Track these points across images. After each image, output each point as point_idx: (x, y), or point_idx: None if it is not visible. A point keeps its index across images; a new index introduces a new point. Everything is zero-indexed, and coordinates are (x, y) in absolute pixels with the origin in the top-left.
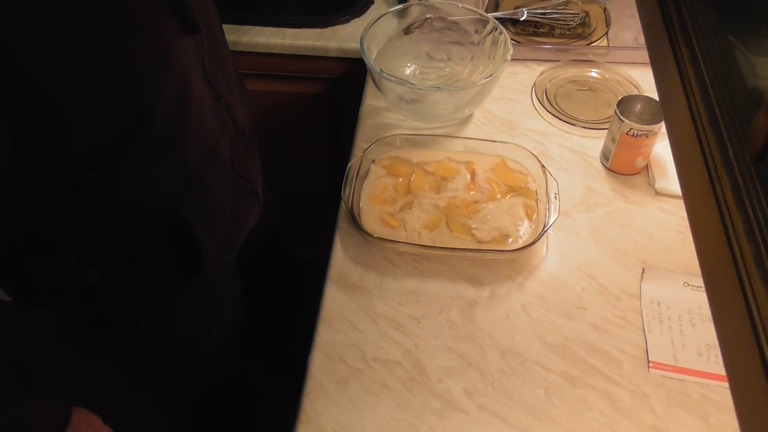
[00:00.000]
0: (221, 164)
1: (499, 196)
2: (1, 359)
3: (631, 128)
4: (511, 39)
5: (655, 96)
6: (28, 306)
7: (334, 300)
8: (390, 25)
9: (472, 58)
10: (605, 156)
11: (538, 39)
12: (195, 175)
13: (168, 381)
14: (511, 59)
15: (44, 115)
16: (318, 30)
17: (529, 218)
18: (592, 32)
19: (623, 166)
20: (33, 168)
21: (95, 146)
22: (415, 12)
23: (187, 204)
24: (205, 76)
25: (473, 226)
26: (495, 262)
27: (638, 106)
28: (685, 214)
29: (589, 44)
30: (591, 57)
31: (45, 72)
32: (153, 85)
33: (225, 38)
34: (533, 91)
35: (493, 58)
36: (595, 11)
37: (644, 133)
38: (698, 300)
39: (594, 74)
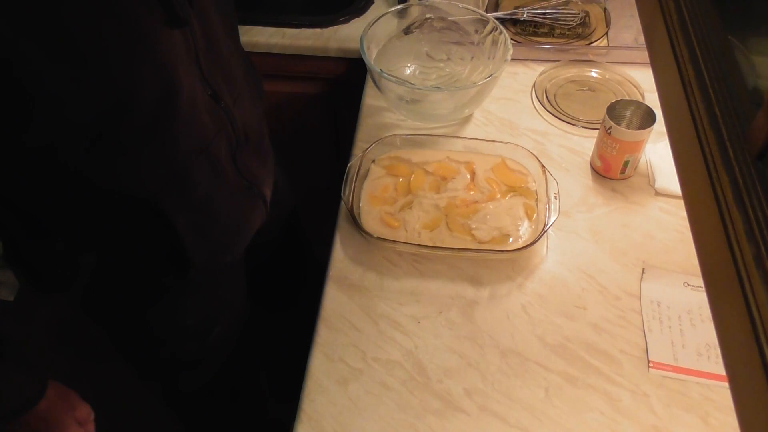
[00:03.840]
0: (216, 164)
1: (499, 196)
2: None
3: (611, 129)
4: (511, 39)
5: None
6: (41, 293)
7: (334, 300)
8: (390, 25)
9: (472, 58)
10: (593, 158)
11: (538, 39)
12: (182, 171)
13: (170, 375)
14: (511, 59)
15: (23, 94)
16: (318, 30)
17: (529, 218)
18: (592, 32)
19: (608, 170)
20: (26, 143)
21: (76, 128)
22: (415, 12)
23: (170, 197)
24: (201, 74)
25: (473, 226)
26: (495, 262)
27: (629, 111)
28: (685, 214)
29: (589, 44)
30: (591, 57)
31: (16, 51)
32: (131, 73)
33: (232, 41)
34: (533, 91)
35: (493, 58)
36: (595, 11)
37: (628, 138)
38: (698, 300)
39: (594, 74)
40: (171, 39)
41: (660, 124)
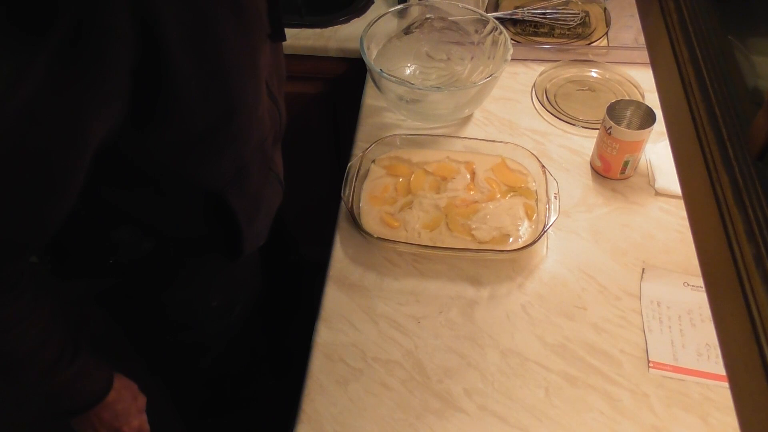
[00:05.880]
0: (263, 157)
1: (499, 196)
2: (63, 320)
3: (611, 129)
4: (511, 39)
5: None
6: (60, 278)
7: (334, 300)
8: (390, 25)
9: (472, 58)
10: (594, 158)
11: (538, 39)
12: (245, 166)
13: (184, 359)
14: (511, 59)
15: (160, 100)
16: (318, 30)
17: (529, 218)
18: (592, 32)
19: (608, 170)
20: (122, 145)
21: (188, 134)
22: (415, 12)
23: (233, 191)
24: (266, 78)
25: (473, 226)
26: (495, 262)
27: (629, 111)
28: (685, 214)
29: (589, 44)
30: (591, 57)
31: (175, 55)
32: (243, 83)
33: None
34: (533, 91)
35: (493, 58)
36: (595, 11)
37: (628, 138)
38: (698, 300)
39: (594, 74)
40: (265, 51)
41: (660, 124)
